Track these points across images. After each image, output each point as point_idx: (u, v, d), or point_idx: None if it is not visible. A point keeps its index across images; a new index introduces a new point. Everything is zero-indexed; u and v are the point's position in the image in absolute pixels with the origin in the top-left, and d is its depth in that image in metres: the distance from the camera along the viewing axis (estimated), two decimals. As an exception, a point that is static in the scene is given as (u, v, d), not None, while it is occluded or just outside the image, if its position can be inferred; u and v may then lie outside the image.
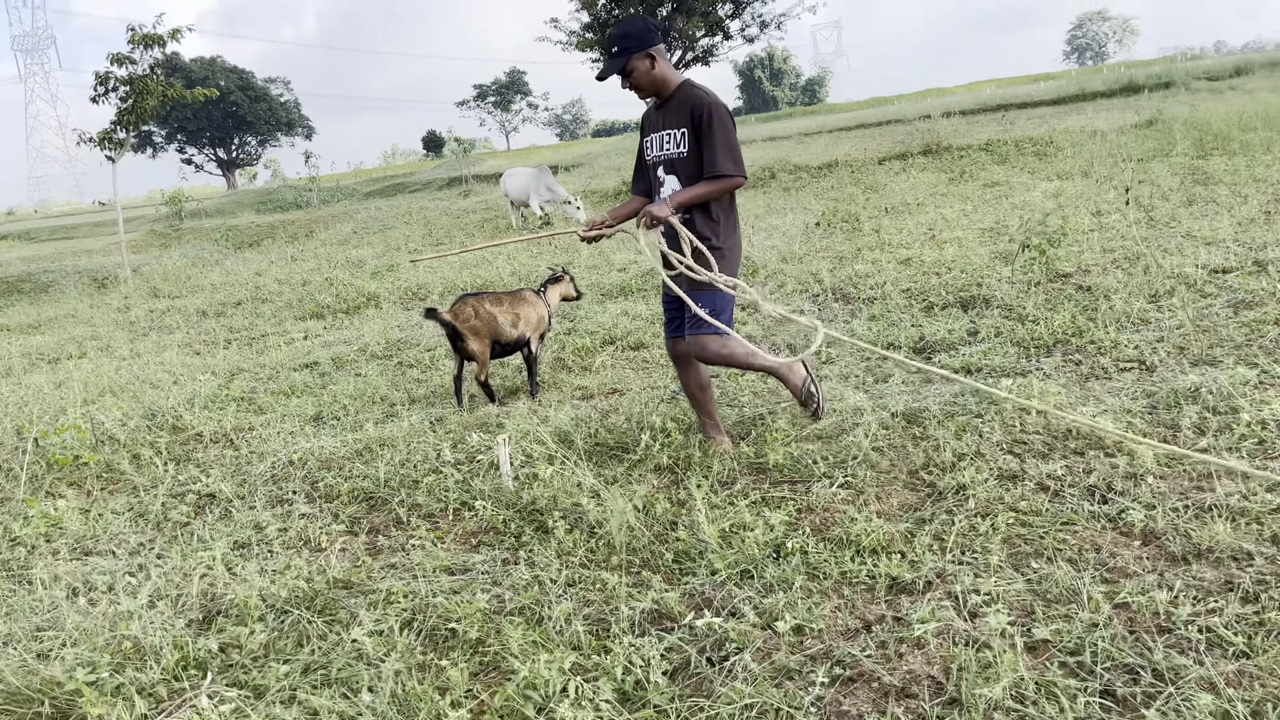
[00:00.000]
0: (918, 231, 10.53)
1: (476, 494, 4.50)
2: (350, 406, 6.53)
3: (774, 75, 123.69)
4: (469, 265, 12.49)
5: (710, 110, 4.26)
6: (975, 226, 10.29)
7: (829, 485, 4.12)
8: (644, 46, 4.30)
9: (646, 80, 4.38)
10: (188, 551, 4.32)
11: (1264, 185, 10.16)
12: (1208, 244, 7.64)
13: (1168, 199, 10.26)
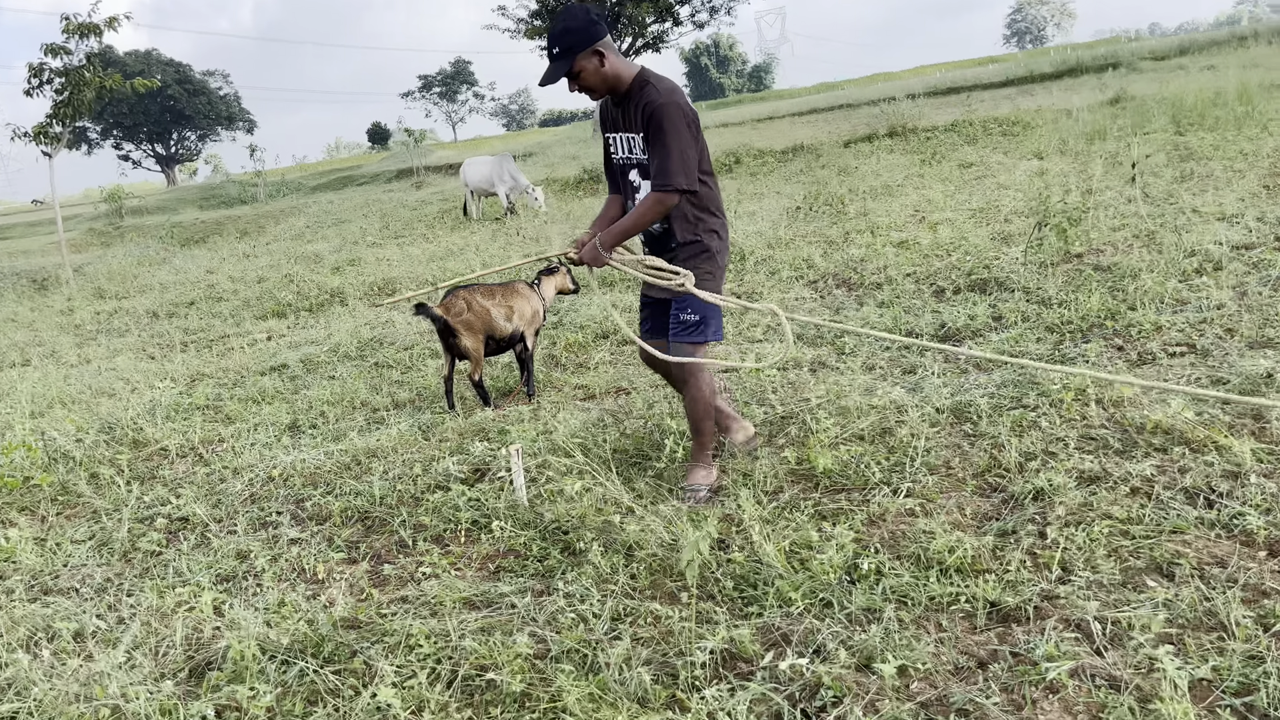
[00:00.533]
0: (904, 214, 10.19)
1: (490, 512, 4.03)
2: (328, 413, 6.00)
3: (720, 62, 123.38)
4: (436, 258, 11.94)
5: (659, 113, 3.69)
6: (963, 208, 9.96)
7: (890, 493, 3.71)
8: (589, 43, 3.70)
9: (597, 80, 3.79)
10: (163, 587, 3.81)
11: (1255, 159, 9.96)
12: (1222, 220, 7.36)
13: (1159, 175, 10.02)
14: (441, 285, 5.82)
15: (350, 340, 7.93)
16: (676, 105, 3.72)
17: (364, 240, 15.94)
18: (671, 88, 3.79)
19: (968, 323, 5.89)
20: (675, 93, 3.78)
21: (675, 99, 3.74)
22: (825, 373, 5.42)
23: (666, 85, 3.80)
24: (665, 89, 3.77)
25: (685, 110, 3.75)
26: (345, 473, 4.87)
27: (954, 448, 4.08)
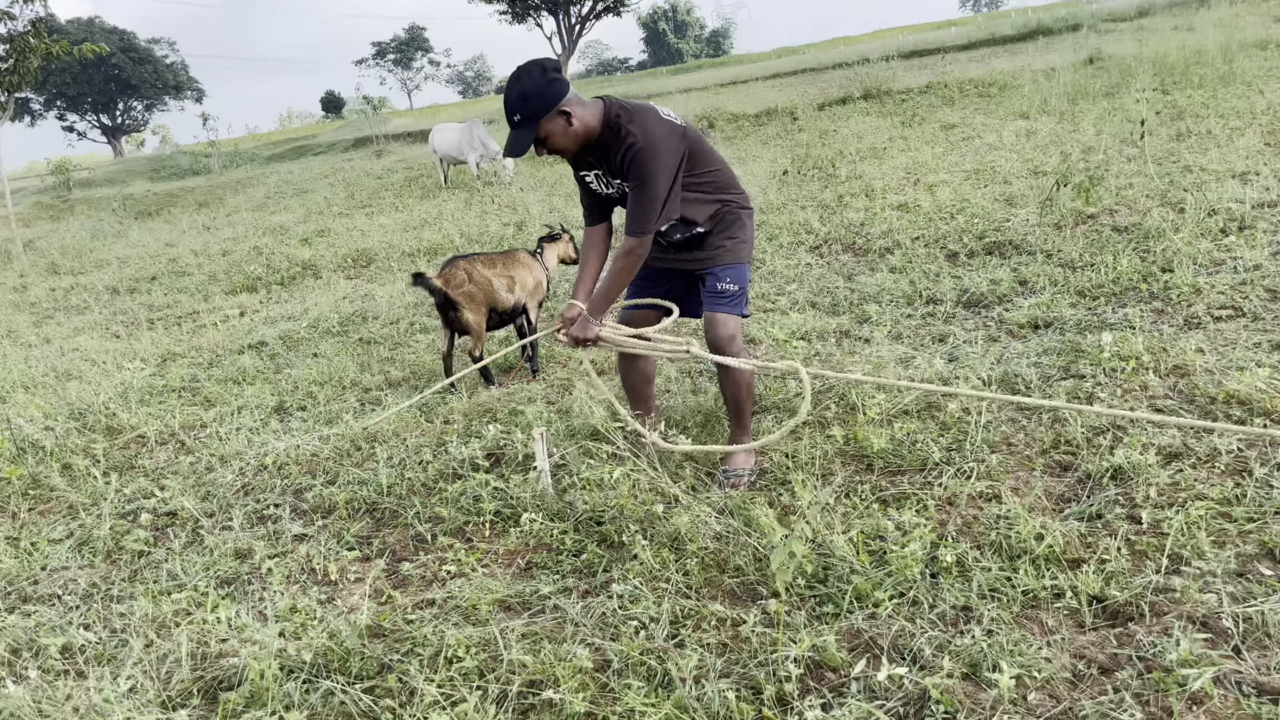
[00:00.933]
0: (896, 176, 9.91)
1: (516, 503, 3.70)
2: (317, 394, 5.62)
3: (678, 27, 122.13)
4: (410, 228, 11.49)
5: (640, 157, 3.37)
6: (957, 170, 9.70)
7: (953, 474, 3.43)
8: (552, 104, 3.35)
9: (567, 141, 3.45)
10: (158, 593, 3.45)
11: (1249, 117, 9.77)
12: (1234, 177, 7.15)
13: (1154, 134, 9.81)
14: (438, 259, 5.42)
15: (331, 315, 7.52)
16: (657, 143, 3.39)
17: (330, 210, 15.40)
18: (646, 119, 3.43)
19: (990, 288, 5.63)
20: (651, 124, 3.42)
21: (655, 135, 3.40)
22: (851, 343, 5.13)
23: (641, 121, 3.42)
24: (641, 127, 3.40)
25: (668, 141, 3.43)
26: (345, 459, 4.52)
27: (1011, 423, 3.81)
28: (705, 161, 3.63)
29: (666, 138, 3.42)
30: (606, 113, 3.48)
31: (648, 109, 3.50)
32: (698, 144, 3.60)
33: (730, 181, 3.75)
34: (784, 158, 12.72)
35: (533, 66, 3.41)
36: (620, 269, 3.54)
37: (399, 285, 8.33)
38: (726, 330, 3.62)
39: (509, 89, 3.40)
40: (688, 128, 3.58)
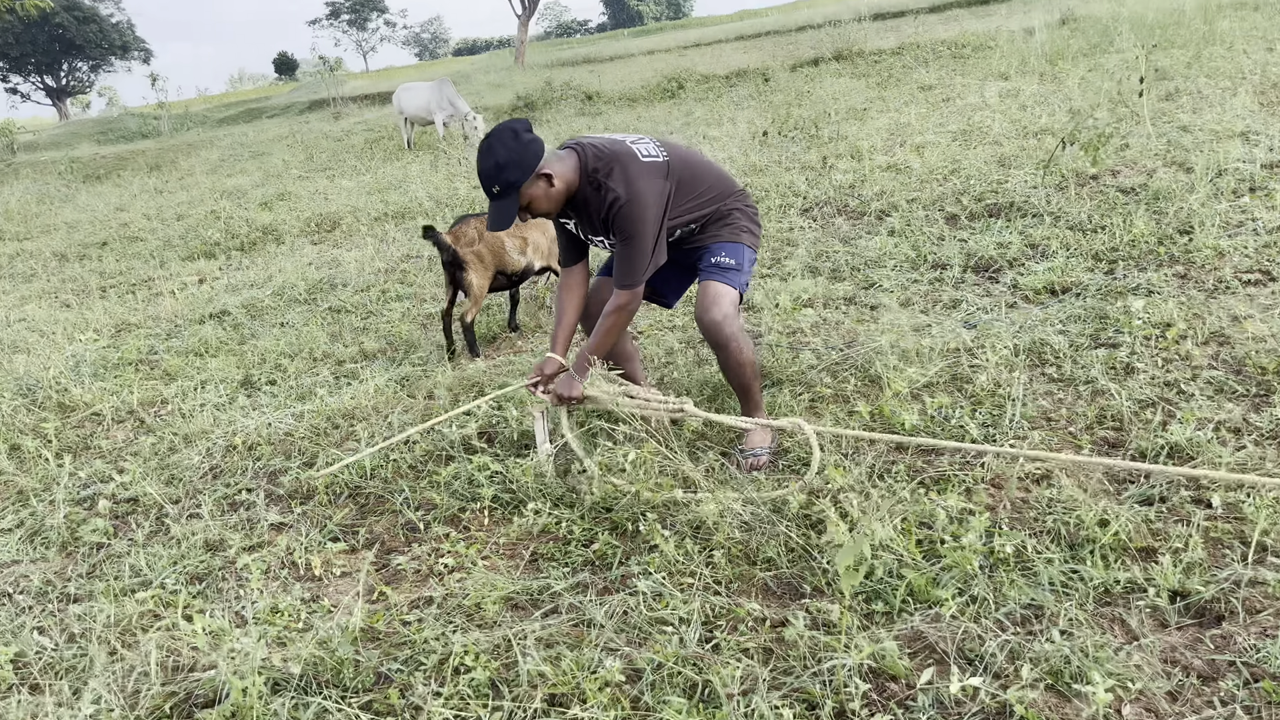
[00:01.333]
0: (880, 137, 9.60)
1: (517, 488, 3.39)
2: (287, 367, 5.25)
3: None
4: (375, 190, 11.03)
5: (625, 212, 3.17)
6: (943, 130, 9.41)
7: (995, 454, 3.16)
8: (531, 169, 3.13)
9: (551, 204, 3.25)
10: (120, 591, 3.11)
11: (1237, 77, 9.58)
12: (1235, 138, 6.93)
13: (1123, 90, 9.61)
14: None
15: (297, 282, 7.10)
16: (641, 195, 3.17)
17: (289, 173, 14.83)
18: (627, 170, 3.19)
19: (999, 251, 5.37)
20: (633, 175, 3.18)
21: (638, 188, 3.16)
22: (858, 310, 4.86)
23: (622, 172, 3.19)
24: (623, 180, 3.17)
25: (652, 190, 3.19)
26: (322, 439, 4.17)
27: (1047, 395, 3.55)
28: (694, 184, 3.41)
29: (650, 187, 3.20)
30: (583, 165, 3.25)
31: (626, 155, 3.24)
32: (684, 170, 3.36)
33: (724, 190, 3.53)
34: (760, 119, 12.37)
35: (504, 132, 3.15)
36: (611, 325, 3.33)
37: (368, 250, 7.93)
38: (720, 309, 3.32)
39: (482, 160, 3.16)
40: (670, 160, 3.32)
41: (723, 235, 3.47)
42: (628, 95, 18.32)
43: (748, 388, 3.42)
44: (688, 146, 3.58)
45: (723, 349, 3.32)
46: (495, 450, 3.61)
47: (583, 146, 3.28)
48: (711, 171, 3.51)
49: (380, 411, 4.42)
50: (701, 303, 3.35)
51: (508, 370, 4.77)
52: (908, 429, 3.37)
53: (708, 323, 3.31)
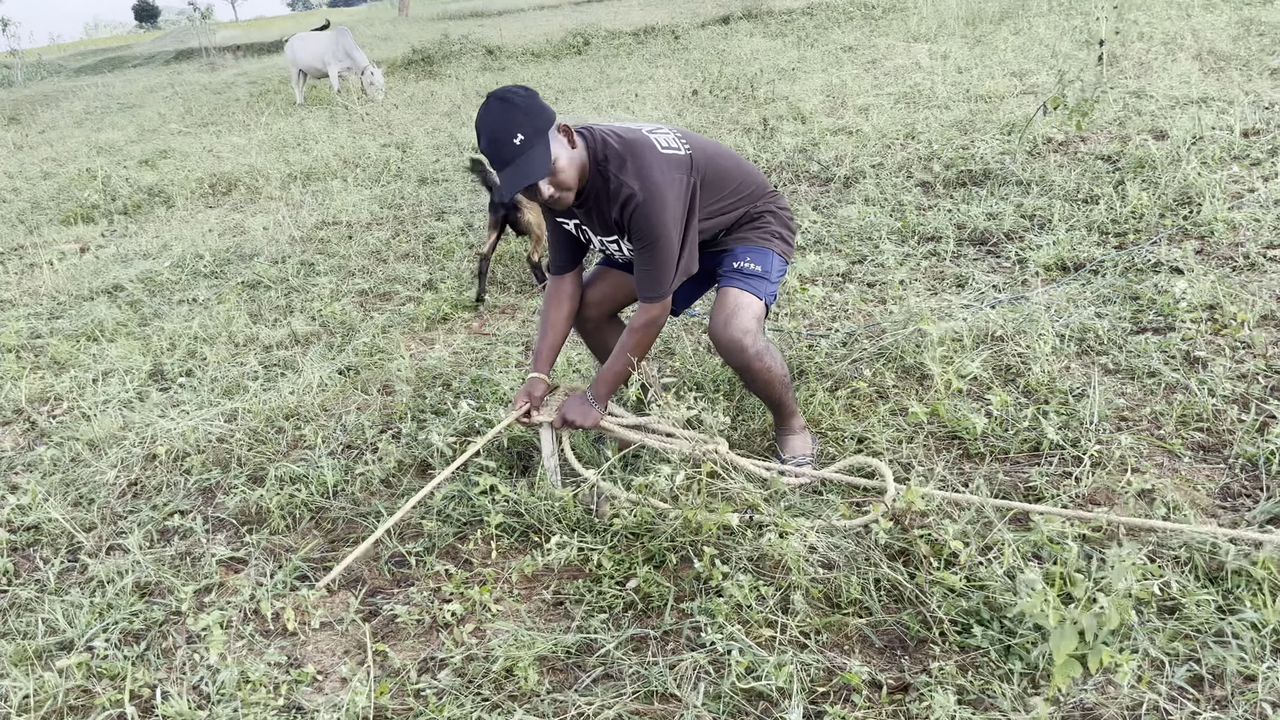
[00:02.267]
0: (817, 99, 9.21)
1: (525, 510, 2.84)
2: (205, 354, 4.54)
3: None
4: (273, 148, 10.10)
5: (643, 212, 2.59)
6: (884, 93, 9.07)
7: (1086, 462, 2.76)
8: (553, 117, 2.55)
9: (574, 172, 2.60)
10: (34, 655, 2.46)
11: (1168, 43, 9.49)
12: (1193, 104, 6.75)
13: (1075, 57, 9.45)
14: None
15: (199, 251, 6.30)
16: (661, 192, 2.59)
17: (166, 128, 13.64)
18: (642, 161, 2.60)
19: (992, 223, 5.01)
20: (649, 167, 2.60)
21: (656, 182, 2.59)
22: (858, 287, 4.43)
23: (637, 164, 2.60)
24: (638, 173, 2.59)
25: (674, 186, 2.63)
26: (263, 446, 3.53)
27: (1119, 391, 3.18)
28: (721, 183, 2.84)
29: (670, 181, 2.62)
30: (592, 152, 2.65)
31: (642, 145, 2.65)
32: (708, 166, 2.79)
33: (754, 189, 2.97)
34: (680, 77, 11.85)
35: (503, 91, 2.54)
36: (637, 344, 2.78)
37: (277, 215, 7.13)
38: (740, 322, 2.76)
39: (492, 115, 2.49)
40: (693, 153, 2.74)
41: (749, 238, 2.94)
42: (531, 50, 17.53)
43: (780, 401, 2.93)
44: (709, 138, 3.01)
45: (746, 371, 2.81)
46: (484, 462, 3.04)
47: (591, 131, 2.70)
48: (741, 168, 2.95)
49: (330, 411, 3.79)
50: (719, 314, 2.80)
51: (470, 359, 4.19)
52: (974, 433, 2.95)
53: (726, 340, 2.77)
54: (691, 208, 2.70)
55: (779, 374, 2.85)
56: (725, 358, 2.83)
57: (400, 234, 6.41)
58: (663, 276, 2.67)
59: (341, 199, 7.41)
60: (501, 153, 2.49)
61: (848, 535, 2.52)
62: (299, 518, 3.04)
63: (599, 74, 13.67)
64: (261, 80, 18.72)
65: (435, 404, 3.70)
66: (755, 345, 2.76)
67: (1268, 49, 8.40)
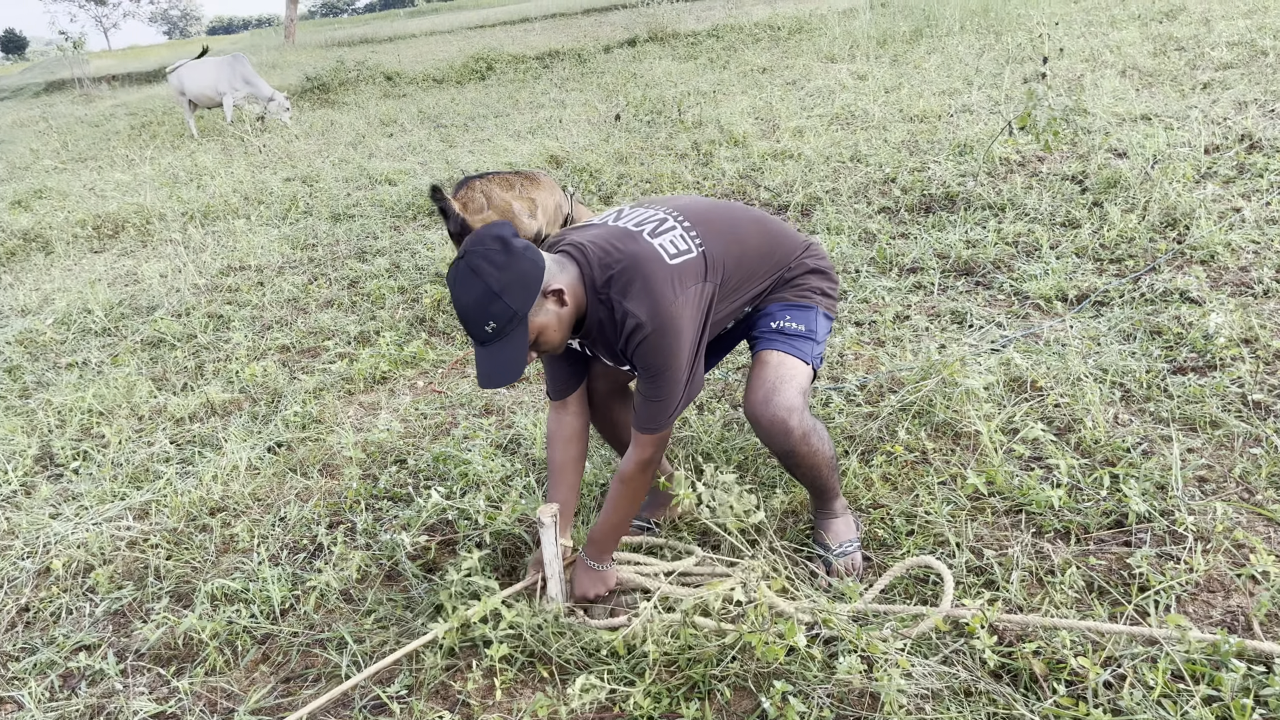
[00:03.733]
0: (746, 122, 8.88)
1: (533, 632, 2.31)
2: (103, 432, 3.88)
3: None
4: (164, 184, 9.30)
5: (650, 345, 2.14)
6: (815, 115, 8.79)
7: (1190, 539, 2.37)
8: (536, 287, 2.07)
9: (563, 331, 2.19)
10: None
11: (1089, 60, 9.46)
12: (1141, 120, 6.60)
13: (979, 72, 9.38)
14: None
15: (88, 305, 5.57)
16: (672, 319, 2.13)
17: (40, 165, 12.60)
18: (649, 283, 2.13)
19: (970, 251, 4.68)
20: (657, 290, 2.13)
21: (666, 311, 2.12)
22: (855, 329, 4.02)
23: (642, 288, 2.13)
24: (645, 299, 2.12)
25: (687, 308, 2.16)
26: (186, 551, 2.93)
27: (1183, 447, 2.82)
28: (745, 267, 2.36)
29: (684, 303, 2.16)
30: (587, 277, 2.18)
31: (646, 260, 2.17)
32: (727, 255, 2.29)
33: (785, 253, 2.46)
34: (598, 101, 11.43)
35: (485, 242, 2.06)
36: (636, 491, 2.32)
37: (175, 260, 6.42)
38: (784, 398, 2.28)
39: (463, 288, 2.05)
40: (706, 249, 2.25)
41: (787, 296, 2.46)
42: (433, 76, 16.91)
43: (822, 485, 2.46)
44: (722, 205, 2.48)
45: (789, 456, 2.34)
46: (483, 581, 2.50)
47: (582, 249, 2.20)
48: (768, 238, 2.45)
49: (263, 501, 3.20)
50: (758, 387, 2.32)
51: (424, 427, 3.64)
52: (1043, 504, 2.55)
53: (769, 420, 2.29)
54: (708, 315, 2.22)
55: (826, 456, 2.39)
56: (766, 441, 2.34)
57: (319, 278, 5.79)
58: (665, 407, 2.19)
59: (247, 240, 6.74)
60: (473, 332, 2.07)
61: (931, 649, 2.07)
62: (240, 649, 2.46)
63: (508, 99, 13.16)
64: (142, 111, 17.64)
65: (392, 489, 3.15)
66: (802, 425, 2.29)
67: (1191, 63, 8.39)
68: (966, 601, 2.17)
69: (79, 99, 23.71)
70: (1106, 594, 2.25)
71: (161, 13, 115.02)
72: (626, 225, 2.28)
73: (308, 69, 18.67)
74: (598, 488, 2.99)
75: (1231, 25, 9.59)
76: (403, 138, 10.99)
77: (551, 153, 8.30)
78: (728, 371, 3.78)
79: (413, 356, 4.34)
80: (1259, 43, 8.54)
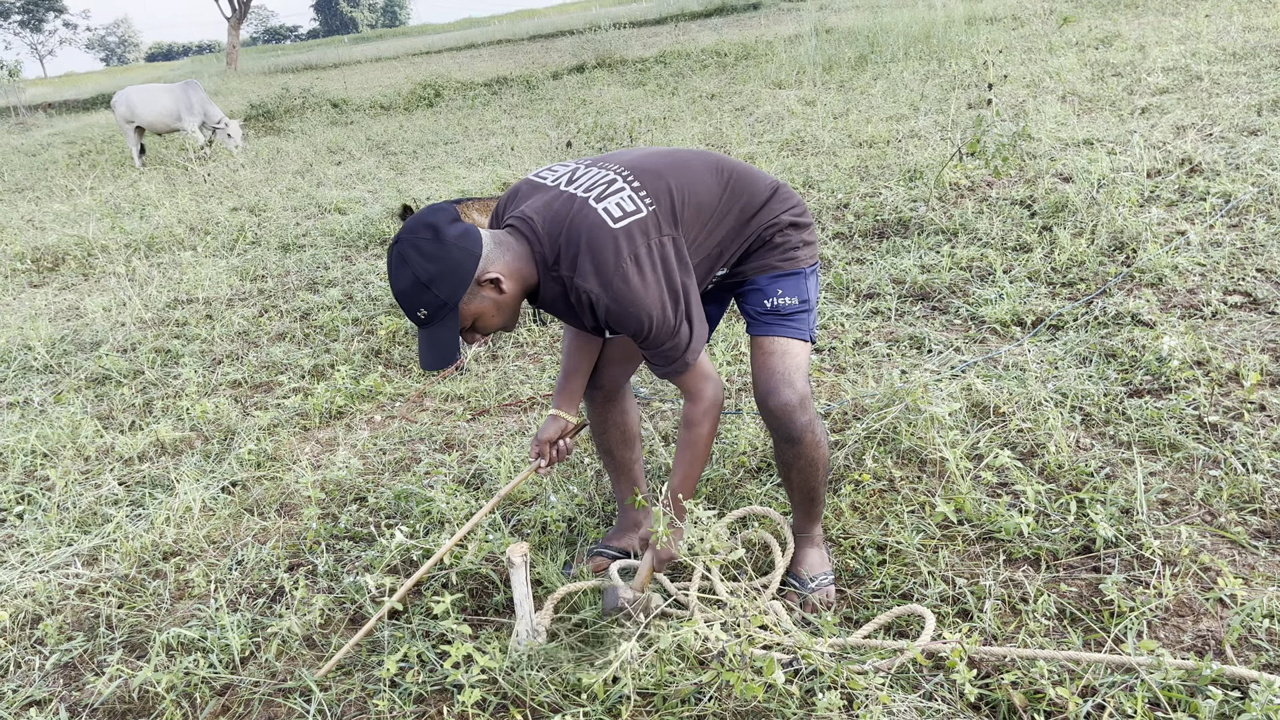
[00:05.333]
0: (699, 147, 8.92)
1: (506, 674, 2.26)
2: (47, 474, 3.75)
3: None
4: (105, 215, 9.10)
5: (609, 318, 2.12)
6: (764, 141, 8.87)
7: (1158, 564, 2.39)
8: (469, 276, 2.05)
9: (505, 315, 2.17)
10: None
11: (1030, 85, 9.66)
12: (1083, 145, 6.74)
13: (925, 98, 9.55)
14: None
15: (28, 341, 5.40)
16: (628, 284, 2.07)
17: (-26, 196, 12.29)
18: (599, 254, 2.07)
19: (925, 276, 4.73)
20: (605, 259, 2.07)
21: (619, 279, 2.06)
22: (818, 356, 4.03)
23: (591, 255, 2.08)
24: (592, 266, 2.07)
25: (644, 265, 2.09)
26: (139, 599, 2.83)
27: (1146, 471, 2.85)
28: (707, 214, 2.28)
29: (633, 267, 2.08)
30: (538, 253, 2.15)
31: (591, 229, 2.09)
32: (682, 206, 2.21)
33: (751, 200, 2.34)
34: (549, 128, 11.45)
35: (417, 230, 2.04)
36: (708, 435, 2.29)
37: (119, 293, 6.27)
38: (793, 387, 2.28)
39: (396, 276, 2.05)
40: (656, 208, 2.16)
41: (772, 264, 2.38)
42: (380, 103, 16.81)
43: (815, 494, 2.46)
44: (678, 156, 2.36)
45: (795, 444, 2.33)
46: (456, 627, 2.44)
47: (531, 224, 2.15)
48: (727, 187, 2.33)
49: (219, 544, 3.11)
50: (764, 378, 2.30)
51: (383, 463, 3.57)
52: (1012, 531, 2.55)
53: (776, 407, 2.29)
54: (681, 263, 2.15)
55: (823, 454, 2.40)
56: (770, 424, 2.34)
57: (269, 310, 5.68)
58: (674, 352, 2.16)
59: (194, 272, 6.61)
60: (409, 315, 2.10)
61: (910, 683, 2.06)
62: (199, 701, 2.38)
63: (458, 126, 13.12)
64: (81, 140, 17.31)
65: (353, 528, 3.08)
66: (806, 412, 2.31)
67: (1129, 89, 8.60)
68: (945, 634, 2.16)
69: (14, 128, 23.23)
70: (1079, 621, 2.25)
71: (99, 39, 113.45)
72: (576, 191, 2.19)
73: (252, 96, 18.50)
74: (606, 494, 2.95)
75: (1166, 51, 9.85)
76: (351, 165, 10.89)
77: (504, 180, 8.27)
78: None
79: (369, 390, 4.27)
80: (1193, 68, 8.79)
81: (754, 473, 3.11)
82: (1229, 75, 8.34)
